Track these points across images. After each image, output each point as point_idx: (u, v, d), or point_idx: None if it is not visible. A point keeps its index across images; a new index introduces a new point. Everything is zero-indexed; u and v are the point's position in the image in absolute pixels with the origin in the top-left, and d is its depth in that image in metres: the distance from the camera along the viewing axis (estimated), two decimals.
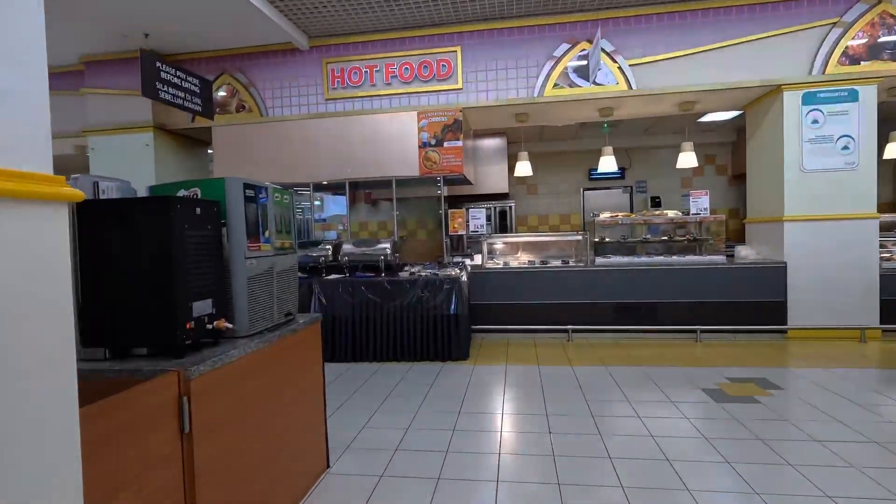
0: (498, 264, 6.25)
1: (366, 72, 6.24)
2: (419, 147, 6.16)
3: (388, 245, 5.39)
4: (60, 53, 6.49)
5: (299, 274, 5.54)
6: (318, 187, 6.55)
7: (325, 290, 5.16)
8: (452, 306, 4.96)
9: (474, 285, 5.94)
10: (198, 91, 4.98)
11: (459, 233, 6.17)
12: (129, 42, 6.16)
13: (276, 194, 2.46)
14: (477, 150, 8.81)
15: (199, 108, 5.00)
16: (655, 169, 9.85)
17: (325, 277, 5.25)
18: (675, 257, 5.89)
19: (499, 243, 6.65)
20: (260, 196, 2.29)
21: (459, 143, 6.08)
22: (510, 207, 9.51)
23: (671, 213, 6.07)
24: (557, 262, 6.12)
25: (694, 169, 9.65)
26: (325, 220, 10.28)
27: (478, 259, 6.47)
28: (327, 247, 5.55)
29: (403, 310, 5.04)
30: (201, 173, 7.00)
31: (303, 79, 6.42)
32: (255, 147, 6.53)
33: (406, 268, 5.62)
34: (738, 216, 9.36)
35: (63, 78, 6.91)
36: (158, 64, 4.39)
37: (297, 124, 6.45)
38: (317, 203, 7.72)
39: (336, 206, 9.99)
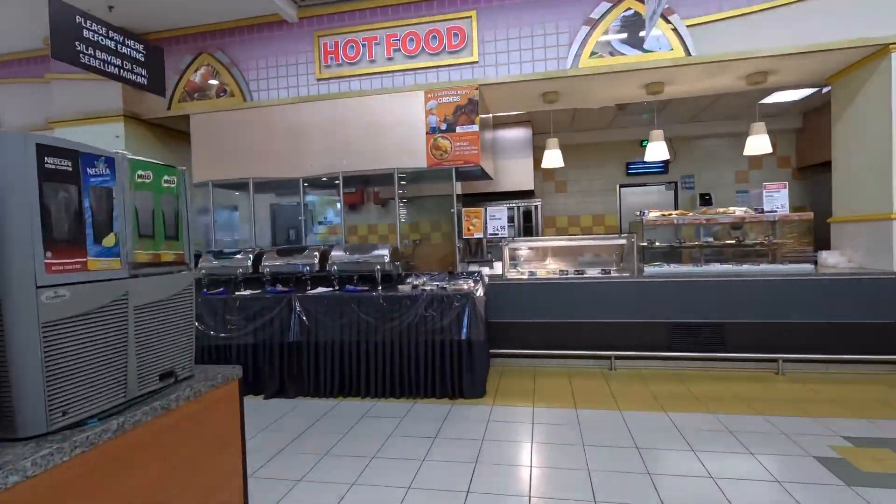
0: (522, 274, 5.16)
1: (363, 45, 5.25)
2: (427, 133, 5.13)
3: (385, 252, 4.37)
4: (22, 37, 5.71)
5: (279, 287, 4.61)
6: (310, 183, 5.58)
7: (308, 307, 4.17)
8: (464, 329, 3.90)
9: (493, 300, 4.87)
10: (141, 59, 4.07)
11: (476, 236, 5.11)
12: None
13: (139, 171, 1.44)
14: (498, 141, 7.73)
15: (141, 81, 4.09)
16: (704, 162, 8.57)
17: (309, 292, 4.26)
18: (746, 266, 4.69)
19: (524, 249, 5.56)
20: (88, 172, 1.28)
21: (475, 128, 5.02)
22: (536, 207, 8.39)
23: (740, 211, 4.87)
24: (595, 272, 4.99)
25: (751, 160, 8.34)
26: (330, 222, 9.43)
27: (498, 267, 5.39)
28: (314, 254, 4.56)
29: (403, 333, 4.01)
30: None
31: (291, 56, 5.48)
32: (238, 137, 5.62)
33: (409, 279, 4.58)
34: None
35: (28, 65, 6.14)
36: (79, 18, 3.48)
37: (285, 110, 5.50)
38: (310, 200, 6.79)
39: (331, 209, 9.06)
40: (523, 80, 4.95)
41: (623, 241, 5.17)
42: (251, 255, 4.69)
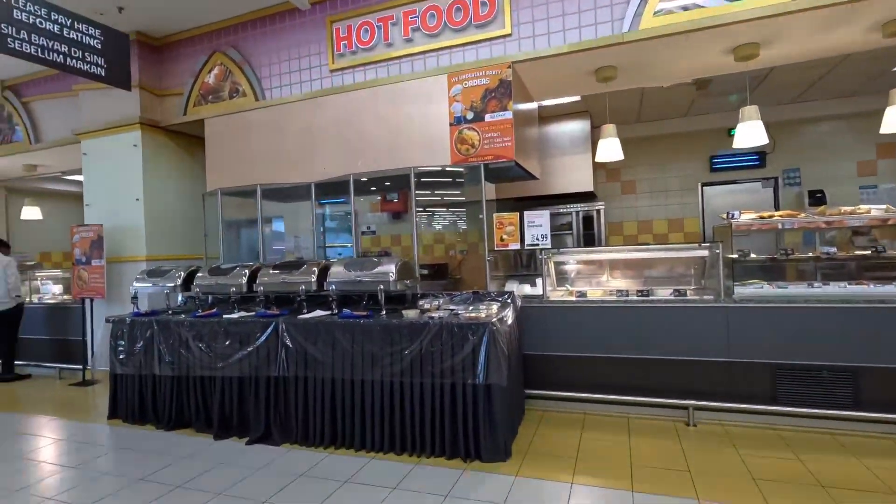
0: (570, 294, 4.13)
1: (379, 27, 4.52)
2: (450, 125, 4.29)
3: (389, 268, 3.56)
4: None
5: (271, 310, 3.92)
6: (323, 189, 4.92)
7: (295, 335, 3.45)
8: (480, 371, 2.97)
9: (532, 326, 3.89)
10: (97, 46, 3.61)
11: (511, 247, 4.15)
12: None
13: None
14: (549, 136, 6.71)
15: (97, 71, 3.63)
16: (812, 152, 6.93)
17: (299, 316, 3.55)
18: (889, 287, 3.33)
19: (570, 262, 4.51)
20: None
21: (507, 115, 4.10)
22: (598, 212, 7.21)
23: (878, 210, 3.50)
24: (666, 292, 3.85)
25: (880, 148, 6.60)
26: (374, 232, 8.84)
27: (541, 285, 4.39)
28: (312, 270, 3.86)
29: (405, 372, 3.16)
30: (197, 178, 5.78)
31: (304, 47, 4.89)
32: (250, 140, 5.12)
33: (424, 301, 3.74)
34: None
35: (58, 80, 6.10)
36: None
37: (297, 107, 4.92)
38: (320, 209, 6.21)
39: (375, 217, 8.46)
40: (568, 51, 3.96)
41: (704, 253, 3.97)
42: (247, 272, 4.09)
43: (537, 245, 4.11)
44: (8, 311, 5.79)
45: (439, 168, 4.34)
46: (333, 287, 3.69)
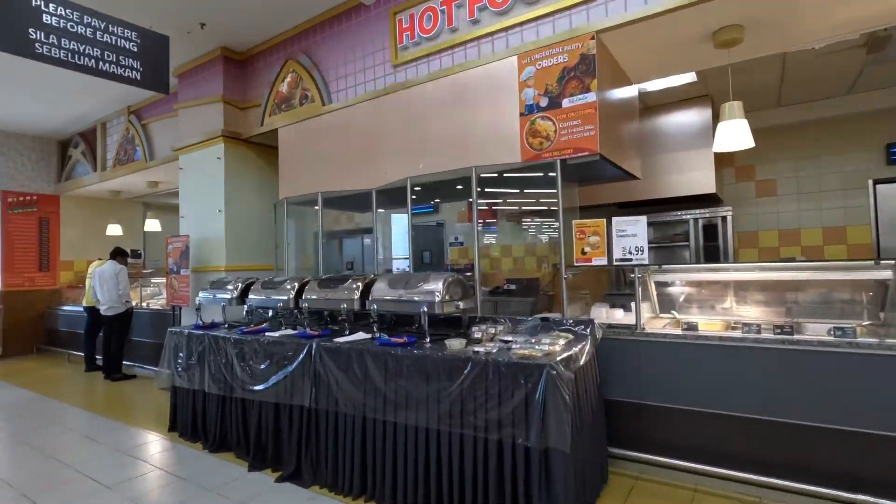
0: (675, 325, 3.16)
1: (442, 11, 4.00)
2: (520, 115, 3.58)
3: (436, 286, 2.95)
4: None
5: (309, 330, 3.51)
6: (385, 195, 4.50)
7: (327, 361, 3.00)
8: (532, 429, 2.22)
9: (618, 363, 3.01)
10: (133, 49, 3.51)
11: (593, 262, 3.30)
12: (194, 39, 5.29)
13: None
14: (657, 129, 5.62)
15: (132, 75, 3.52)
16: None
17: (334, 340, 3.10)
18: None
19: (678, 282, 3.50)
20: None
21: (590, 97, 3.29)
22: (724, 218, 5.88)
23: None
24: (821, 328, 2.72)
25: None
26: (461, 242, 8.33)
27: (645, 311, 3.45)
28: (355, 286, 3.41)
29: (443, 417, 2.52)
30: (274, 189, 5.74)
31: (368, 45, 4.55)
32: (317, 147, 4.91)
33: (476, 327, 3.06)
34: None
35: (166, 102, 6.56)
36: (36, 1, 2.99)
37: (360, 109, 4.58)
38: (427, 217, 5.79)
39: (464, 227, 7.90)
40: (673, 7, 3.04)
41: (886, 274, 2.75)
42: (295, 286, 3.78)
43: (630, 260, 3.20)
44: (119, 314, 6.29)
45: (505, 167, 3.65)
46: (375, 307, 3.18)
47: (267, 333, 3.50)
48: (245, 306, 4.28)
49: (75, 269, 8.95)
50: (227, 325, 4.11)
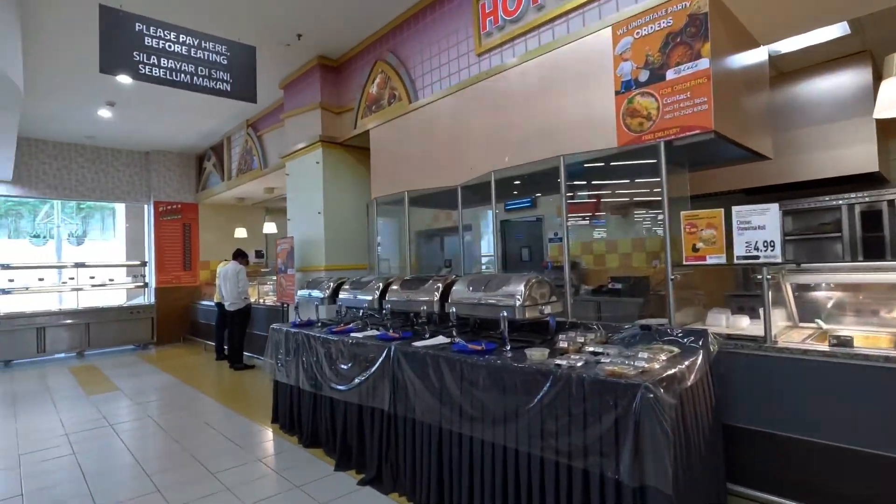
0: (820, 337, 2.54)
1: None
2: (616, 94, 3.16)
3: (517, 288, 2.69)
4: (270, 91, 6.52)
5: (385, 331, 3.50)
6: (471, 191, 4.30)
7: (406, 366, 2.90)
8: (624, 462, 1.87)
9: (742, 383, 2.50)
10: (223, 62, 3.66)
11: (708, 260, 2.77)
12: (294, 51, 5.59)
13: None
14: (794, 99, 4.69)
15: (223, 87, 3.67)
16: None
17: (413, 344, 2.98)
18: None
19: (824, 285, 2.81)
20: None
21: (703, 64, 2.77)
22: (893, 202, 4.74)
23: None
24: None
25: None
26: (561, 238, 7.86)
27: (779, 320, 2.84)
28: (436, 287, 3.27)
29: (520, 436, 2.26)
30: (368, 190, 5.85)
31: (451, 37, 4.40)
32: (404, 145, 4.89)
33: (564, 335, 2.74)
34: None
35: (277, 113, 7.06)
36: (140, 26, 3.23)
37: (445, 104, 4.44)
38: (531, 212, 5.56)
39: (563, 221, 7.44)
40: None
41: None
42: (380, 286, 3.76)
43: (756, 258, 2.63)
44: (239, 310, 6.92)
45: (598, 154, 3.24)
46: (454, 310, 3.01)
47: (352, 334, 3.52)
48: (336, 305, 4.39)
49: (211, 268, 10.12)
50: (320, 324, 4.25)
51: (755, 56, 3.45)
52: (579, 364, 2.19)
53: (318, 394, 3.70)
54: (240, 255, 7.21)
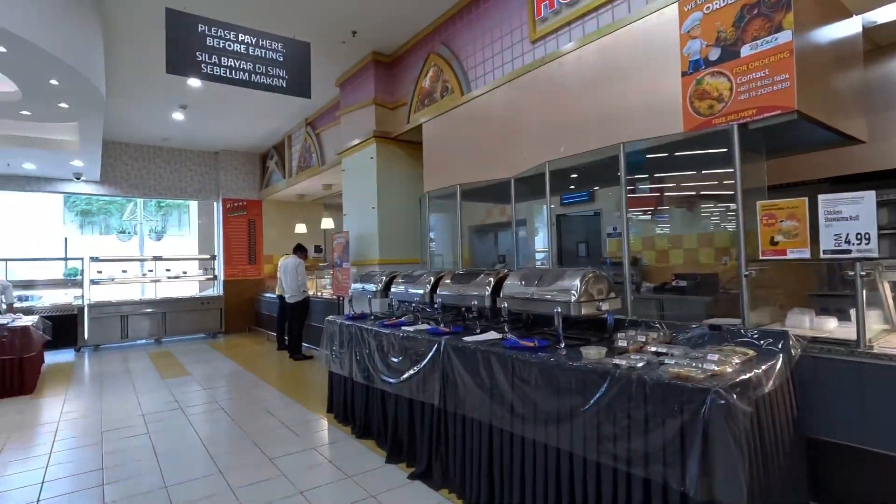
0: None
1: None
2: (682, 75, 2.93)
3: (572, 283, 2.56)
4: (325, 89, 6.69)
5: (436, 325, 3.36)
6: (525, 183, 4.18)
7: (456, 361, 2.85)
8: (691, 473, 1.71)
9: (829, 392, 2.23)
10: (279, 59, 3.70)
11: (789, 255, 2.50)
12: (349, 49, 5.68)
13: None
14: (891, 77, 4.18)
15: (279, 83, 3.71)
16: None
17: (463, 339, 2.92)
18: None
19: None
20: None
21: (785, 37, 2.50)
22: None
23: None
24: None
25: None
26: (619, 234, 7.54)
27: (856, 322, 2.53)
28: (487, 282, 3.19)
29: (575, 439, 2.14)
30: (421, 184, 5.84)
31: (504, 25, 4.28)
32: (457, 139, 4.83)
33: (623, 333, 2.58)
34: None
35: (333, 111, 7.22)
36: (202, 27, 3.34)
37: (498, 94, 4.34)
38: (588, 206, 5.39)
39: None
40: None
41: None
42: (431, 279, 3.73)
43: (847, 252, 2.35)
44: (298, 302, 7.17)
45: (662, 141, 3.02)
46: (505, 305, 2.92)
47: (403, 327, 3.52)
48: (388, 299, 4.42)
49: (273, 262, 10.58)
50: (373, 317, 4.29)
51: (847, 27, 3.08)
52: (640, 364, 2.04)
53: (370, 386, 3.74)
54: (299, 250, 7.47)
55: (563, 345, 2.52)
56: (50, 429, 4.24)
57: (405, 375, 3.25)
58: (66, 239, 9.53)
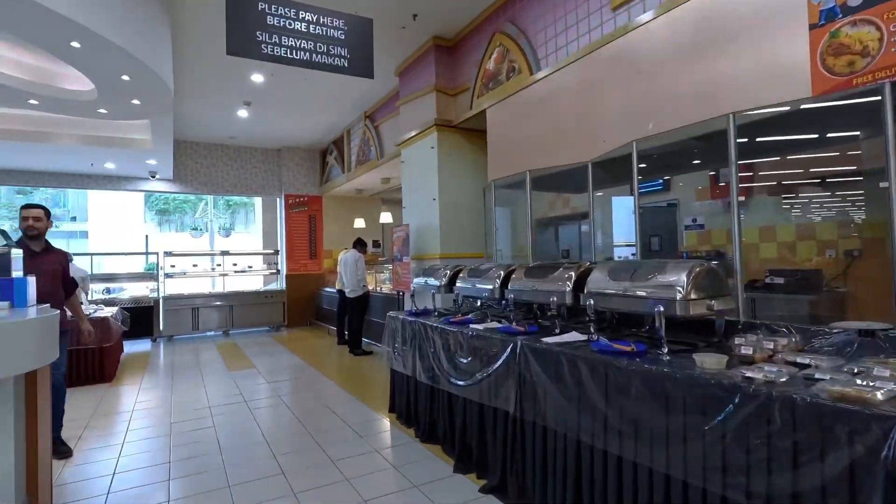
0: None
1: None
2: (810, 29, 2.43)
3: (678, 278, 2.17)
4: (385, 79, 6.54)
5: (508, 324, 3.01)
6: (603, 168, 3.76)
7: (534, 365, 2.53)
8: None
9: None
10: (341, 37, 3.47)
11: None
12: (409, 34, 5.46)
13: None
14: None
15: (340, 63, 3.47)
16: None
17: (542, 340, 2.60)
18: None
19: None
20: None
21: None
22: None
23: None
24: None
25: None
26: (701, 225, 6.88)
27: None
28: (566, 276, 2.84)
29: (691, 467, 1.77)
30: (484, 174, 5.53)
31: None
32: (525, 122, 4.48)
33: (738, 339, 2.15)
34: None
35: (392, 102, 7.06)
36: (262, 5, 3.15)
37: (572, 71, 3.95)
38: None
39: (703, 206, 6.46)
40: None
41: None
42: (501, 274, 3.42)
43: None
44: (358, 297, 7.09)
45: (783, 109, 2.54)
46: (591, 302, 2.56)
47: (471, 325, 3.24)
48: (453, 294, 4.16)
49: (333, 256, 10.67)
50: (436, 313, 4.05)
51: None
52: (781, 379, 1.64)
53: (435, 387, 3.49)
54: (359, 244, 7.39)
55: (665, 350, 2.14)
56: (124, 418, 4.34)
57: (475, 378, 2.97)
58: (146, 236, 10.04)
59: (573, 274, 2.83)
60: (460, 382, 3.12)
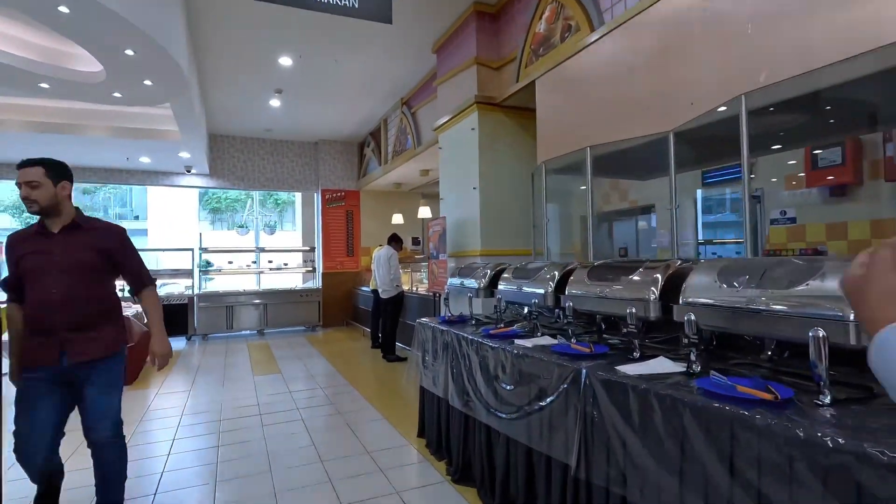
0: None
1: None
2: None
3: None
4: (424, 60, 5.94)
5: (574, 346, 2.20)
6: (688, 141, 2.92)
7: (607, 402, 1.78)
8: None
9: None
10: None
11: None
12: (449, 3, 4.80)
13: None
14: None
15: (352, 3, 2.79)
16: None
17: (618, 369, 1.84)
18: None
19: None
20: None
21: None
22: None
23: None
24: None
25: None
26: (792, 218, 5.80)
27: None
28: (652, 278, 2.06)
29: None
30: (535, 160, 4.76)
31: None
32: (584, 89, 3.70)
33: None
34: None
35: (429, 85, 6.42)
36: None
37: (646, 20, 3.14)
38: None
39: (793, 196, 5.38)
40: None
41: None
42: (555, 275, 2.68)
43: None
44: (392, 297, 6.50)
45: None
46: (692, 317, 1.77)
47: (517, 340, 2.52)
48: (494, 298, 3.45)
49: (370, 254, 10.18)
50: (474, 321, 3.35)
51: None
52: None
53: (469, 416, 2.80)
54: (394, 240, 6.81)
55: (828, 398, 1.34)
56: (128, 429, 3.93)
57: (523, 409, 2.26)
58: (200, 234, 9.97)
59: (659, 276, 2.05)
60: (501, 415, 2.41)
